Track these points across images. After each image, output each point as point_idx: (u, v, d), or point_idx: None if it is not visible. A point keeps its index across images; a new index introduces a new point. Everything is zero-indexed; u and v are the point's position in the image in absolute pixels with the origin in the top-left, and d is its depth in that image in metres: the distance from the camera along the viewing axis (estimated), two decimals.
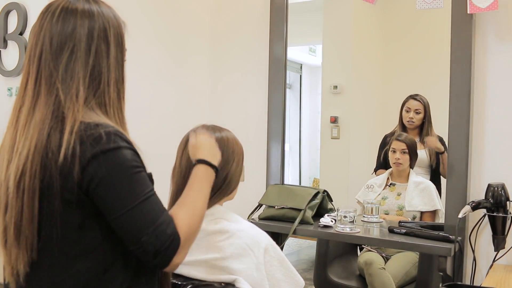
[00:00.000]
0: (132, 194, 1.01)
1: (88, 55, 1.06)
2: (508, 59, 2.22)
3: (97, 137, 1.00)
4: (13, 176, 1.01)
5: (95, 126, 1.01)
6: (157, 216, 1.02)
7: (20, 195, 1.01)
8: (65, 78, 1.05)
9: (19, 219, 1.01)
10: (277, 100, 2.75)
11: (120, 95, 1.11)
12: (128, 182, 1.01)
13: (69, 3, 1.08)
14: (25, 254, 1.03)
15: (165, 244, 1.01)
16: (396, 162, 2.60)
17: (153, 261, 1.01)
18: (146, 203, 1.02)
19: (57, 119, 1.03)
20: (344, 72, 3.06)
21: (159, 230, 1.01)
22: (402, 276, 2.41)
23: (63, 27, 1.06)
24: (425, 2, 2.27)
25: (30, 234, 1.02)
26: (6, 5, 2.56)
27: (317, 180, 3.30)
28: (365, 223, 2.40)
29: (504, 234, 2.07)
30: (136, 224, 1.00)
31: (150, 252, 1.00)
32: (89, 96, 1.06)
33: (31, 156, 1.01)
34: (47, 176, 1.00)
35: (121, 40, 1.12)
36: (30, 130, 1.03)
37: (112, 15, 1.12)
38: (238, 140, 1.50)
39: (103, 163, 0.99)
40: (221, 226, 1.40)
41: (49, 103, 1.04)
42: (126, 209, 1.00)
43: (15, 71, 2.52)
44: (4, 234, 1.05)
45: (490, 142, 2.26)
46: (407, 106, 2.70)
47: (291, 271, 1.43)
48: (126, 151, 1.02)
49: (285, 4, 2.73)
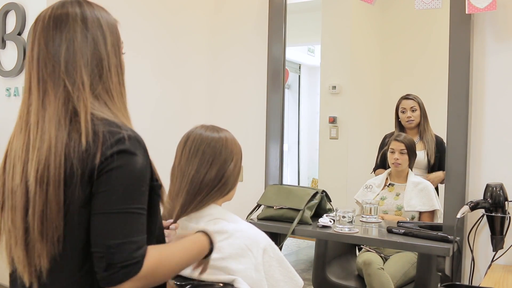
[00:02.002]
0: (124, 200, 1.00)
1: (85, 43, 1.07)
2: (506, 59, 2.22)
3: (121, 138, 1.01)
4: (34, 172, 1.01)
5: (117, 126, 1.03)
6: (133, 234, 0.99)
7: (44, 188, 1.00)
8: (67, 68, 1.06)
9: (45, 212, 1.00)
10: (275, 100, 2.75)
11: (120, 81, 1.13)
12: (128, 188, 1.01)
13: (57, 9, 1.10)
14: (51, 247, 1.02)
15: (123, 263, 0.97)
16: (395, 162, 2.61)
17: (102, 273, 0.98)
18: (131, 217, 1.00)
19: (69, 110, 1.04)
20: (343, 72, 3.06)
21: (127, 246, 0.98)
22: (400, 276, 2.41)
23: (56, 27, 1.07)
24: (424, 3, 2.27)
25: (58, 225, 1.01)
26: (4, 5, 2.56)
27: (315, 180, 3.30)
28: (364, 223, 2.41)
29: (503, 234, 2.07)
30: (109, 228, 0.98)
31: (105, 261, 0.97)
32: (94, 83, 1.07)
33: (53, 148, 1.01)
34: (70, 166, 1.00)
35: (115, 31, 1.14)
36: (45, 125, 1.03)
37: (104, 11, 1.14)
38: (236, 140, 1.50)
39: (116, 160, 1.00)
40: (220, 227, 1.40)
41: (58, 96, 1.05)
42: (109, 211, 0.99)
43: (13, 71, 2.51)
44: (25, 236, 1.04)
45: (488, 142, 2.26)
46: (402, 107, 2.71)
47: (290, 271, 1.43)
48: (141, 160, 1.03)
49: (284, 4, 2.74)
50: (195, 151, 1.44)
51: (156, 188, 1.08)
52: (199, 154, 1.43)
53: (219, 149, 1.44)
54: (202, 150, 1.43)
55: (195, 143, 1.44)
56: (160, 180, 1.11)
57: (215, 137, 1.45)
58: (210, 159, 1.43)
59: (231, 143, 1.47)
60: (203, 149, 1.43)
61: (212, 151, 1.43)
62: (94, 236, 1.00)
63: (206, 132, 1.46)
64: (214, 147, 1.44)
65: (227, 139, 1.47)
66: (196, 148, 1.44)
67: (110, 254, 0.97)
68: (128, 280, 0.97)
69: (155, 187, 1.08)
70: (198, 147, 1.44)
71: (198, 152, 1.43)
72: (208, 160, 1.43)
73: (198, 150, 1.44)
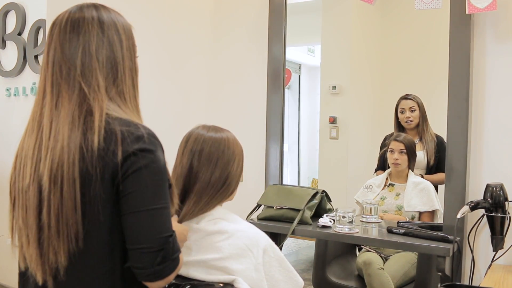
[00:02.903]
0: (158, 196, 1.04)
1: (102, 47, 1.09)
2: (506, 60, 2.22)
3: (140, 136, 1.04)
4: (48, 172, 1.02)
5: (135, 126, 1.06)
6: (171, 229, 1.06)
7: (58, 187, 1.01)
8: (84, 71, 1.07)
9: (60, 210, 1.01)
10: (276, 100, 2.75)
11: (134, 84, 1.16)
12: (158, 184, 1.04)
13: (75, 13, 1.11)
14: (68, 244, 1.02)
15: (175, 254, 1.05)
16: (395, 162, 2.61)
17: (154, 267, 1.02)
18: (166, 211, 1.05)
19: (84, 111, 1.05)
20: (343, 72, 3.07)
21: (175, 239, 1.05)
22: (400, 276, 2.41)
23: (73, 30, 1.09)
24: (424, 3, 2.27)
25: (74, 223, 1.02)
26: (4, 5, 2.56)
27: (315, 180, 3.30)
28: (364, 223, 2.40)
29: (503, 234, 2.07)
30: (156, 224, 1.02)
31: (161, 255, 1.02)
32: (109, 86, 1.09)
33: (66, 147, 1.02)
34: (87, 164, 1.01)
35: (130, 35, 1.17)
36: (59, 125, 1.04)
37: (119, 16, 1.16)
38: (238, 140, 1.50)
39: (141, 159, 1.02)
40: (220, 227, 1.40)
41: (73, 98, 1.06)
42: (149, 207, 1.02)
43: (13, 72, 2.52)
44: (38, 235, 1.05)
45: (488, 142, 2.26)
46: (401, 107, 2.71)
47: (290, 271, 1.43)
48: (162, 157, 1.06)
49: (284, 4, 2.74)
50: (197, 151, 1.43)
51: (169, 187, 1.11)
52: (201, 155, 1.42)
53: (221, 150, 1.43)
54: (205, 151, 1.43)
55: (197, 143, 1.44)
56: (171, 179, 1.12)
57: (217, 137, 1.45)
58: (214, 160, 1.42)
59: (233, 143, 1.46)
60: (205, 149, 1.43)
61: (215, 151, 1.43)
62: (141, 233, 1.02)
63: (208, 133, 1.45)
64: (217, 147, 1.43)
65: (229, 139, 1.46)
66: (197, 149, 1.43)
67: (168, 247, 1.02)
68: (175, 270, 1.05)
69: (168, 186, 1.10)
70: (200, 148, 1.43)
71: (199, 153, 1.43)
72: (212, 161, 1.42)
73: (199, 150, 1.43)
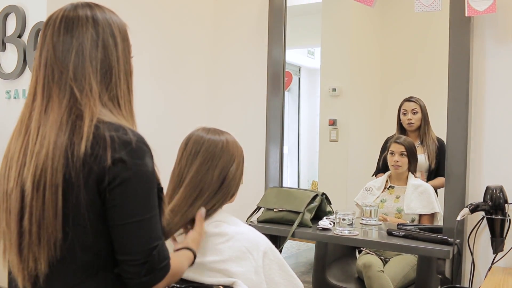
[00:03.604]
0: (146, 206, 1.03)
1: (96, 50, 1.07)
2: (506, 62, 2.23)
3: (127, 141, 1.01)
4: (31, 177, 1.00)
5: (124, 130, 1.03)
6: (160, 236, 1.05)
7: (40, 193, 1.00)
8: (76, 75, 1.05)
9: (41, 217, 1.00)
10: (275, 103, 2.75)
11: (129, 88, 1.13)
12: (146, 193, 1.03)
13: (69, 11, 1.09)
14: (48, 252, 1.01)
15: (161, 264, 1.04)
16: (395, 164, 2.60)
17: (141, 278, 1.02)
18: (154, 220, 1.04)
19: (74, 116, 1.03)
20: (343, 74, 3.07)
21: (163, 248, 1.05)
22: (400, 278, 2.41)
23: (66, 31, 1.07)
24: (423, 5, 2.28)
25: (54, 230, 1.00)
26: (4, 7, 2.56)
27: (315, 182, 3.30)
28: (364, 225, 2.40)
29: (503, 237, 2.07)
30: (144, 235, 1.02)
31: (147, 266, 1.01)
32: (103, 90, 1.07)
33: (51, 153, 1.00)
34: (71, 170, 0.99)
35: (126, 36, 1.14)
36: (46, 130, 1.02)
37: (114, 15, 1.14)
38: (238, 143, 1.50)
39: (129, 167, 1.00)
40: (221, 229, 1.40)
41: (63, 103, 1.04)
42: (138, 218, 1.01)
43: (13, 74, 2.51)
44: (19, 241, 1.03)
45: (488, 144, 2.26)
46: (404, 108, 2.71)
47: (290, 274, 1.43)
48: (150, 163, 1.04)
49: (284, 7, 2.74)
50: (196, 153, 1.43)
51: (159, 191, 1.09)
52: (200, 157, 1.43)
53: (220, 152, 1.43)
54: (203, 152, 1.43)
55: (196, 145, 1.44)
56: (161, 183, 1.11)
57: (216, 139, 1.45)
58: (211, 162, 1.42)
59: (232, 145, 1.46)
60: (204, 151, 1.43)
61: (213, 153, 1.43)
62: (127, 245, 1.01)
63: (208, 135, 1.46)
64: (216, 150, 1.43)
65: (228, 141, 1.46)
66: (197, 151, 1.43)
67: (153, 259, 1.02)
68: (164, 278, 1.05)
69: (158, 190, 1.08)
70: (199, 150, 1.43)
71: (199, 155, 1.43)
72: (209, 162, 1.42)
73: (199, 152, 1.43)
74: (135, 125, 1.12)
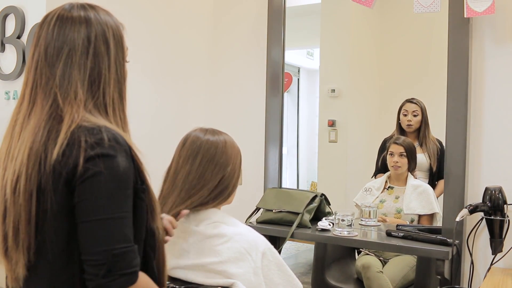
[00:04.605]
0: (113, 205, 0.97)
1: (86, 58, 1.05)
2: (505, 63, 2.23)
3: (99, 140, 0.98)
4: (10, 181, 1.01)
5: (98, 130, 1.00)
6: (129, 240, 0.98)
7: (16, 198, 1.00)
8: (62, 83, 1.04)
9: (17, 222, 1.01)
10: (275, 104, 2.75)
11: (121, 95, 1.10)
12: (115, 192, 0.98)
13: (64, 11, 1.08)
14: (23, 256, 1.02)
15: (123, 271, 0.96)
16: (395, 165, 2.60)
17: (99, 279, 0.95)
18: (122, 221, 0.98)
19: (54, 122, 1.02)
20: (342, 75, 3.07)
21: (129, 254, 0.97)
22: (400, 279, 2.40)
23: (59, 34, 1.06)
24: (422, 6, 2.28)
25: (27, 236, 1.01)
26: (4, 8, 2.56)
27: (314, 183, 3.30)
28: (363, 226, 2.40)
29: (502, 237, 2.07)
30: (107, 235, 0.96)
31: (105, 268, 0.95)
32: (89, 98, 1.05)
33: (25, 160, 1.00)
34: (43, 177, 0.99)
35: (120, 40, 1.12)
36: (25, 135, 1.03)
37: (110, 18, 1.12)
38: (235, 143, 1.50)
39: (98, 164, 0.97)
40: (219, 230, 1.40)
41: (45, 109, 1.04)
42: (102, 216, 0.96)
43: (12, 75, 2.51)
44: (4, 242, 1.04)
45: (487, 145, 2.26)
46: (404, 109, 2.71)
47: (289, 275, 1.43)
48: (123, 162, 0.99)
49: (283, 8, 2.74)
50: (193, 153, 1.43)
51: (139, 192, 1.04)
52: (197, 157, 1.43)
53: (217, 153, 1.44)
54: (200, 153, 1.43)
55: (193, 145, 1.44)
56: (147, 182, 1.07)
57: (214, 140, 1.45)
58: (208, 162, 1.42)
59: (230, 146, 1.47)
60: (201, 152, 1.43)
61: (210, 154, 1.43)
62: (88, 244, 0.97)
63: (205, 136, 1.46)
64: (213, 150, 1.44)
65: (226, 142, 1.46)
66: (194, 151, 1.43)
67: (114, 261, 0.95)
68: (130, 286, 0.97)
69: (138, 191, 1.04)
70: (197, 150, 1.43)
71: (196, 155, 1.43)
72: (205, 162, 1.42)
73: (197, 153, 1.43)
74: (127, 130, 1.10)
